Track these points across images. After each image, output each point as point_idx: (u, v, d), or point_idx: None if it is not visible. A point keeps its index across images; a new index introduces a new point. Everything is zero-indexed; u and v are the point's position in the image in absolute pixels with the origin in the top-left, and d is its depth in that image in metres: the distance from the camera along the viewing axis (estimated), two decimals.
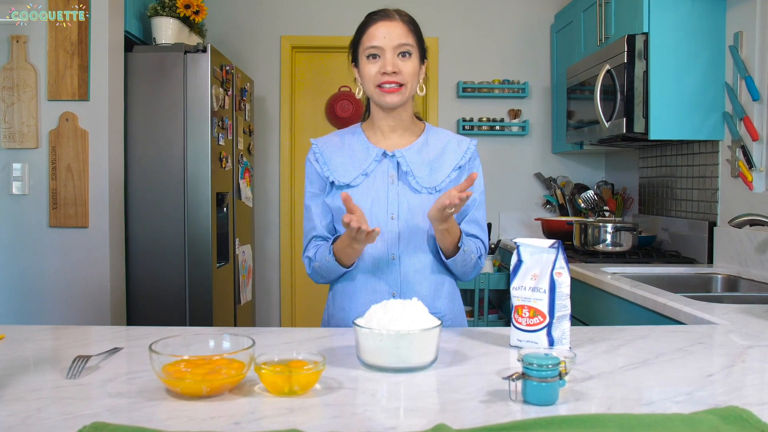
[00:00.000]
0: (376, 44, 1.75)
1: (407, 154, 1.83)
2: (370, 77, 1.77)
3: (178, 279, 3.33)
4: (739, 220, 2.57)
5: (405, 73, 1.75)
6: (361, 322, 1.30)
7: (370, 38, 1.76)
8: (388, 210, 1.80)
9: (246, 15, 4.72)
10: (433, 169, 1.82)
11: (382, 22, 1.77)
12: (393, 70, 1.74)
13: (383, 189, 1.81)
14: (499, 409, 1.05)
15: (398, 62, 1.75)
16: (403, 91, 1.76)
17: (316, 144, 1.91)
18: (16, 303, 2.98)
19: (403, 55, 1.76)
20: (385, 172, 1.83)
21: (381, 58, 1.75)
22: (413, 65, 1.77)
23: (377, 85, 1.76)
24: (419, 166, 1.81)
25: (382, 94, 1.76)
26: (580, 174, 4.74)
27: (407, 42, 1.76)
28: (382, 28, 1.76)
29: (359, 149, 1.85)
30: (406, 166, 1.80)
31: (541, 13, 4.73)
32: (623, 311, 2.53)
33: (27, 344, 1.49)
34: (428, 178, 1.81)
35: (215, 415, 1.03)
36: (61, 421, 1.00)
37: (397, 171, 1.82)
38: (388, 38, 1.75)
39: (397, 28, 1.76)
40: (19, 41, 2.93)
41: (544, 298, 1.40)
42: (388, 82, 1.75)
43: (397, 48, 1.74)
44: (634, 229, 3.37)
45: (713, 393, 1.15)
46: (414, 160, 1.82)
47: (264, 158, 4.74)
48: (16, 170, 2.96)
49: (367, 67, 1.77)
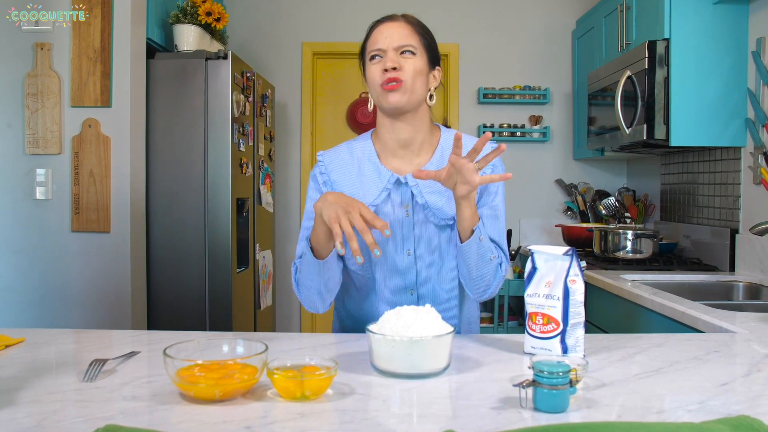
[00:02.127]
0: (378, 46, 1.66)
1: (421, 181, 1.66)
2: (373, 79, 1.66)
3: (199, 284, 3.35)
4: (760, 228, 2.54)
5: (406, 70, 1.63)
6: (374, 328, 1.31)
7: (373, 42, 1.68)
8: (403, 246, 1.68)
9: (267, 22, 4.76)
10: (450, 197, 1.65)
11: (385, 24, 1.70)
12: (393, 65, 1.62)
13: (397, 223, 1.68)
14: (509, 416, 1.05)
15: (399, 59, 1.64)
16: (404, 89, 1.63)
17: (323, 161, 1.78)
18: (38, 307, 3.02)
19: (406, 54, 1.65)
20: (398, 202, 1.69)
21: (383, 58, 1.65)
22: (415, 64, 1.65)
23: (380, 84, 1.64)
24: (435, 195, 1.66)
25: (385, 93, 1.63)
26: (601, 180, 4.71)
27: (409, 43, 1.66)
28: (384, 30, 1.68)
29: (369, 171, 1.71)
30: (421, 197, 1.66)
31: (563, 19, 4.72)
32: (642, 319, 2.51)
33: (47, 347, 1.52)
34: (447, 207, 1.66)
35: (227, 419, 1.04)
36: (75, 424, 1.01)
37: (412, 200, 1.68)
38: (390, 38, 1.66)
39: (399, 29, 1.68)
40: (43, 48, 2.98)
41: (557, 306, 1.40)
42: (389, 80, 1.62)
43: (398, 48, 1.65)
44: (655, 236, 3.35)
45: (726, 402, 1.14)
46: (429, 187, 1.66)
47: (285, 164, 4.76)
48: (40, 175, 3.00)
49: (370, 69, 1.67)
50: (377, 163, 1.71)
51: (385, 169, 1.70)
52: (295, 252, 1.73)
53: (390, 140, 1.72)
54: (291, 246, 4.78)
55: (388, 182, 1.68)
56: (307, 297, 1.67)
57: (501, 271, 1.66)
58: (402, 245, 1.68)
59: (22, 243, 3.02)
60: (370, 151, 1.74)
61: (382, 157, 1.73)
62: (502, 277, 1.66)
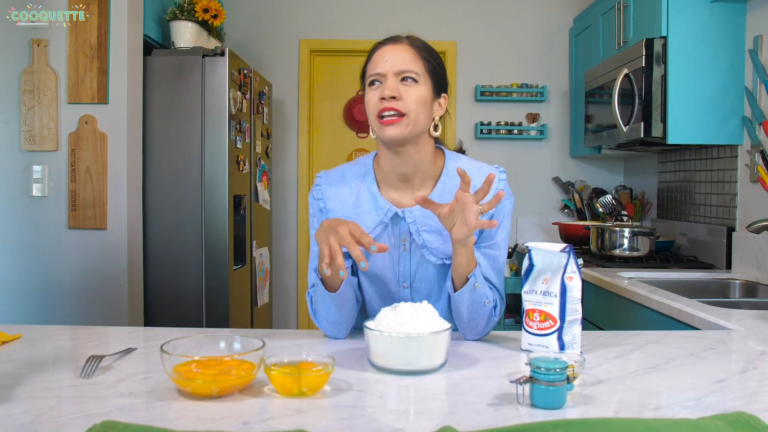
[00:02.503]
0: (378, 70, 1.52)
1: (419, 215, 1.57)
2: (370, 106, 1.53)
3: (196, 281, 3.35)
4: (757, 225, 2.54)
5: (407, 101, 1.49)
6: (371, 324, 1.31)
7: (373, 65, 1.54)
8: (399, 280, 1.61)
9: (264, 19, 4.75)
10: (448, 237, 1.54)
11: (387, 47, 1.55)
12: (391, 94, 1.48)
13: (393, 258, 1.60)
14: (506, 413, 1.05)
15: (400, 87, 1.50)
16: (405, 123, 1.49)
17: (320, 186, 1.67)
18: (34, 303, 3.02)
19: (408, 82, 1.51)
20: (396, 236, 1.60)
21: (382, 84, 1.52)
22: (418, 93, 1.50)
23: (376, 114, 1.51)
24: (433, 234, 1.57)
25: (381, 127, 1.50)
26: (598, 178, 4.72)
27: (411, 68, 1.51)
28: (385, 53, 1.53)
29: (367, 201, 1.61)
30: (418, 236, 1.57)
31: (560, 16, 4.72)
32: (639, 316, 2.52)
33: (43, 344, 1.52)
34: (445, 246, 1.57)
35: (224, 415, 1.04)
36: (72, 420, 1.01)
37: (410, 235, 1.59)
38: (391, 63, 1.51)
39: (402, 52, 1.52)
40: (39, 45, 2.97)
41: (555, 303, 1.40)
42: (386, 109, 1.49)
43: (399, 74, 1.51)
44: (652, 234, 3.35)
45: (723, 399, 1.14)
46: (427, 225, 1.57)
47: (282, 161, 4.76)
48: (36, 172, 3.00)
49: (369, 95, 1.53)
50: (376, 193, 1.61)
51: (383, 200, 1.60)
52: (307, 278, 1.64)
53: (390, 172, 1.60)
54: (288, 243, 4.77)
55: (386, 216, 1.59)
56: (327, 326, 1.59)
57: (495, 315, 1.56)
58: (398, 279, 1.62)
59: (18, 240, 3.02)
60: (370, 180, 1.63)
61: (382, 186, 1.63)
62: (495, 321, 1.57)
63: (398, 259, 1.60)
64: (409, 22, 4.64)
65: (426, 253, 1.58)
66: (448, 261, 1.58)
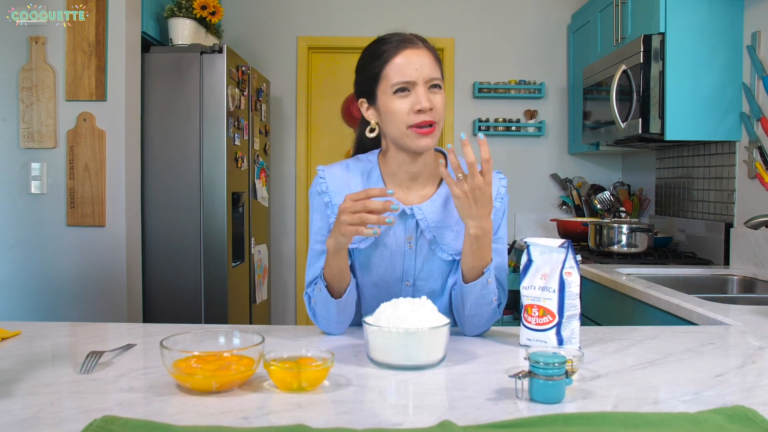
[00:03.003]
0: (409, 78, 1.48)
1: (428, 211, 1.57)
2: (401, 115, 1.49)
3: (194, 278, 3.35)
4: (755, 221, 2.55)
5: (437, 109, 1.50)
6: (370, 320, 1.31)
7: (400, 71, 1.49)
8: (402, 278, 1.60)
9: (262, 16, 4.75)
10: (459, 232, 1.57)
11: (411, 50, 1.51)
12: (430, 106, 1.47)
13: (398, 255, 1.59)
14: (505, 407, 1.05)
15: (431, 96, 1.49)
16: (436, 132, 1.51)
17: (323, 179, 1.63)
18: (33, 301, 3.02)
19: (435, 89, 1.51)
20: (401, 233, 1.58)
21: (411, 92, 1.49)
22: (443, 98, 1.52)
23: (411, 125, 1.49)
24: (444, 230, 1.57)
25: (418, 137, 1.49)
26: (596, 175, 4.72)
27: (437, 75, 1.52)
28: (414, 58, 1.50)
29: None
30: (429, 232, 1.57)
31: (558, 13, 4.72)
32: (637, 312, 2.52)
33: (43, 340, 1.52)
34: (456, 242, 1.57)
35: (224, 410, 1.04)
36: (72, 415, 1.01)
37: (416, 232, 1.58)
38: (420, 70, 1.48)
39: (426, 57, 1.51)
40: (37, 42, 2.97)
41: (553, 298, 1.40)
42: (425, 123, 1.48)
43: (428, 81, 1.49)
44: (650, 230, 3.36)
45: (721, 393, 1.14)
46: (437, 220, 1.57)
47: (280, 158, 4.76)
48: (35, 170, 2.99)
49: (395, 104, 1.49)
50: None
51: None
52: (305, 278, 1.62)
53: (400, 171, 1.59)
54: (286, 240, 4.78)
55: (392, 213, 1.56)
56: (325, 325, 1.58)
57: (498, 313, 1.56)
58: (401, 277, 1.60)
59: (17, 237, 3.02)
60: (376, 177, 1.62)
61: (389, 184, 1.62)
62: (496, 319, 1.57)
63: (403, 257, 1.59)
64: (406, 18, 4.65)
65: (437, 250, 1.57)
66: (458, 257, 1.57)
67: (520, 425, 0.94)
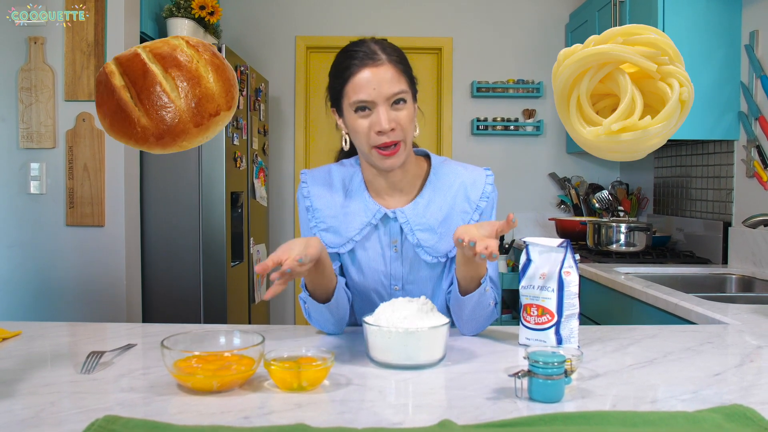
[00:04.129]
0: (364, 98, 1.45)
1: (411, 215, 1.57)
2: (363, 135, 1.48)
3: (193, 277, 3.35)
4: (753, 220, 2.55)
5: (402, 126, 1.47)
6: (370, 319, 1.32)
7: (356, 90, 1.46)
8: (390, 283, 1.60)
9: (261, 16, 4.75)
10: (443, 234, 1.57)
11: (369, 69, 1.46)
12: (391, 127, 1.45)
13: (383, 260, 1.59)
14: (504, 406, 1.06)
15: (393, 114, 1.46)
16: (402, 150, 1.49)
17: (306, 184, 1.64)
18: (33, 300, 3.02)
19: (398, 104, 1.47)
20: (385, 236, 1.58)
21: (372, 111, 1.46)
22: (409, 112, 1.48)
23: (373, 146, 1.48)
24: (427, 233, 1.56)
25: (381, 158, 1.48)
26: (594, 174, 4.73)
27: (400, 89, 1.47)
28: (370, 77, 1.45)
29: (355, 202, 1.60)
30: (413, 235, 1.55)
31: (556, 12, 4.72)
32: (635, 311, 2.53)
33: (43, 340, 1.52)
34: (440, 244, 1.57)
35: (225, 409, 1.04)
36: (73, 415, 1.02)
37: (401, 236, 1.58)
38: (379, 89, 1.45)
39: (386, 74, 1.46)
40: (36, 42, 2.97)
41: (552, 297, 1.41)
42: (387, 144, 1.47)
43: (390, 98, 1.46)
44: (648, 229, 3.36)
45: (719, 392, 1.15)
46: (420, 224, 1.56)
47: (279, 158, 4.76)
48: (34, 170, 3.00)
49: (357, 123, 1.48)
50: (365, 194, 1.60)
51: (372, 201, 1.59)
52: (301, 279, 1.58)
53: (377, 184, 1.60)
54: (285, 240, 4.73)
55: (374, 217, 1.57)
56: (322, 325, 1.57)
57: (495, 313, 1.55)
58: (389, 282, 1.60)
59: (16, 237, 3.02)
60: (358, 181, 1.62)
61: (371, 188, 1.61)
62: (494, 318, 1.56)
63: (390, 261, 1.59)
64: (404, 18, 4.65)
65: (421, 252, 1.57)
66: (443, 259, 1.58)
67: (519, 424, 0.94)
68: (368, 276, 1.60)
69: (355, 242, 1.58)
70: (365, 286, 1.61)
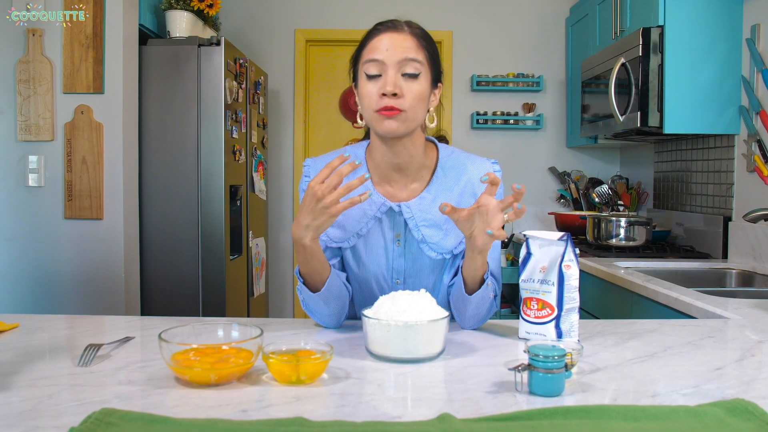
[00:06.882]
0: (377, 57, 1.44)
1: (416, 209, 1.54)
2: (369, 99, 1.45)
3: (192, 271, 3.35)
4: (753, 215, 2.55)
5: (408, 97, 1.43)
6: (369, 312, 1.31)
7: (371, 50, 1.46)
8: (392, 276, 1.58)
9: (260, 8, 4.73)
10: (448, 231, 1.54)
11: (387, 33, 1.46)
12: (393, 91, 1.42)
13: (387, 253, 1.57)
14: (505, 400, 1.05)
15: (401, 83, 1.43)
16: (402, 118, 1.43)
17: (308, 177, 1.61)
18: (31, 293, 3.01)
19: (409, 76, 1.44)
20: (389, 230, 1.57)
21: (382, 77, 1.44)
22: (420, 88, 1.45)
23: (376, 110, 1.44)
24: (432, 229, 1.54)
25: (380, 119, 1.44)
26: (594, 168, 4.72)
27: (415, 57, 1.45)
28: (385, 40, 1.45)
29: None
30: (417, 231, 1.54)
31: (557, 6, 4.71)
32: (635, 306, 2.52)
33: (41, 333, 1.51)
34: (445, 241, 1.55)
35: (223, 402, 1.04)
36: (71, 407, 1.01)
37: (405, 230, 1.56)
38: (392, 51, 1.43)
39: (404, 41, 1.45)
40: (35, 35, 2.96)
41: (552, 291, 1.40)
42: (387, 107, 1.43)
43: (401, 64, 1.43)
44: (648, 224, 3.36)
45: (720, 386, 1.14)
46: (425, 220, 1.54)
47: (278, 151, 4.75)
48: (32, 162, 2.99)
49: (366, 87, 1.46)
50: (369, 186, 1.56)
51: (377, 194, 1.56)
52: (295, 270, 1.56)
53: (383, 163, 1.55)
54: (284, 233, 4.77)
55: (378, 210, 1.55)
56: (320, 318, 1.56)
57: (495, 306, 1.54)
58: (391, 276, 1.58)
59: (15, 230, 3.02)
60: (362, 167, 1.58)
61: (376, 179, 1.58)
62: (494, 310, 1.55)
63: (392, 255, 1.57)
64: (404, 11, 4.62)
65: (425, 248, 1.55)
66: (448, 256, 1.57)
67: (519, 418, 0.94)
68: (370, 269, 1.58)
69: (360, 236, 1.56)
70: (366, 278, 1.60)
